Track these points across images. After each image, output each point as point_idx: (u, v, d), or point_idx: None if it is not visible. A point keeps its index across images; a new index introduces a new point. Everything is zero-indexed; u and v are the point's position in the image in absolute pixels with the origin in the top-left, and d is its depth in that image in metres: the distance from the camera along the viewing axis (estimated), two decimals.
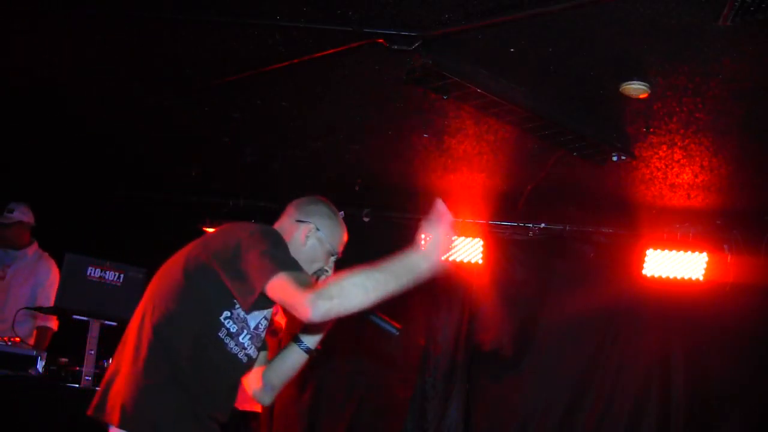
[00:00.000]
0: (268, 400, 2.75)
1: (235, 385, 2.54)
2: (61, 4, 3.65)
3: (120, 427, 2.27)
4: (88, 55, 4.16)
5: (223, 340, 2.39)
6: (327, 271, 2.65)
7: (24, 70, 4.47)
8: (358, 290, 2.21)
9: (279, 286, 2.23)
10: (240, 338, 2.44)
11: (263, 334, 2.58)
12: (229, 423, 2.54)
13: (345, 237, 2.71)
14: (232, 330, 2.41)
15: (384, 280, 2.25)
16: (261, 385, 2.70)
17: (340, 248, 2.68)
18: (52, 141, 5.61)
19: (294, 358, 2.72)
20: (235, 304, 2.38)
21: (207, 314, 2.37)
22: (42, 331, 5.21)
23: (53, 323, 5.29)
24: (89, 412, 2.36)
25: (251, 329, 2.48)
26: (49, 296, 5.09)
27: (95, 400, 2.37)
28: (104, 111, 4.93)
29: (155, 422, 2.29)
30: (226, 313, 2.39)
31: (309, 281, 2.28)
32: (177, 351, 2.32)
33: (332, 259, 2.67)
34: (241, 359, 2.47)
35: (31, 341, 4.96)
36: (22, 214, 5.31)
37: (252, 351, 2.51)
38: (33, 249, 5.41)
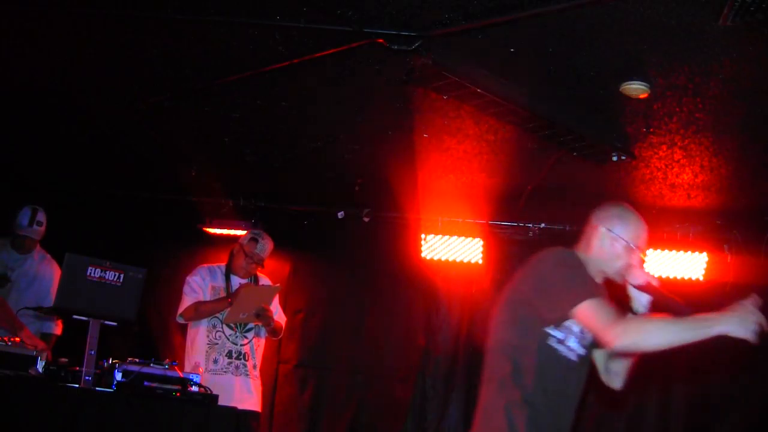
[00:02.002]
0: (618, 384, 3.08)
1: (573, 395, 2.88)
2: (61, 4, 3.65)
3: None
4: (88, 55, 4.16)
5: (555, 348, 2.76)
6: (632, 265, 2.90)
7: (24, 70, 4.47)
8: (657, 333, 2.59)
9: (586, 313, 2.66)
10: (568, 343, 2.80)
11: (588, 336, 2.85)
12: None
13: (643, 232, 2.94)
14: (559, 337, 2.77)
15: (681, 329, 2.57)
16: (607, 374, 3.07)
17: (638, 242, 2.91)
18: (52, 141, 5.62)
19: None
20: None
21: (536, 330, 2.76)
22: (47, 337, 5.23)
23: (58, 329, 5.30)
24: None
25: (576, 333, 2.81)
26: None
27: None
28: (104, 111, 4.92)
29: None
30: (550, 324, 2.76)
31: (611, 311, 2.66)
32: (520, 367, 2.74)
33: (636, 253, 2.91)
34: (573, 359, 2.82)
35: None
36: (45, 224, 5.33)
37: (581, 351, 2.85)
38: (37, 250, 5.41)
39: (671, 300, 2.91)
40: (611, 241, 2.90)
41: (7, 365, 3.73)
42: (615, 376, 3.07)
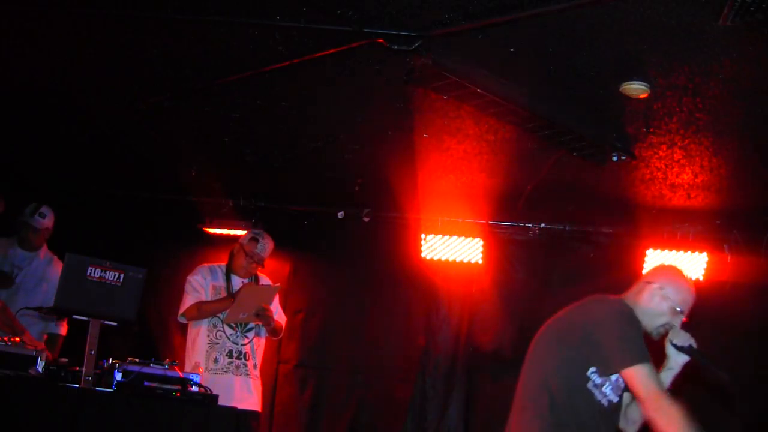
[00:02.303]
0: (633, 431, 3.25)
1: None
2: (61, 4, 3.65)
3: None
4: (88, 55, 4.16)
5: (591, 391, 2.95)
6: (674, 325, 3.09)
7: (24, 70, 4.47)
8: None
9: (636, 376, 2.83)
10: (603, 389, 2.98)
11: (623, 385, 3.04)
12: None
13: (691, 299, 3.16)
14: (597, 382, 2.96)
15: None
16: (625, 420, 3.22)
17: (684, 307, 3.13)
18: (52, 141, 5.62)
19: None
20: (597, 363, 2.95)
21: (578, 371, 2.94)
22: (53, 337, 5.23)
23: (63, 329, 5.30)
24: None
25: (612, 381, 3.00)
26: None
27: None
28: (104, 111, 4.93)
29: None
30: (592, 369, 2.94)
31: (658, 379, 2.89)
32: (556, 403, 2.91)
33: (679, 317, 3.11)
34: (605, 405, 3.00)
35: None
36: (50, 220, 5.32)
37: (614, 398, 3.04)
38: (44, 251, 5.41)
39: (710, 366, 3.04)
40: (660, 299, 3.10)
41: (7, 365, 3.72)
42: (632, 424, 3.21)
